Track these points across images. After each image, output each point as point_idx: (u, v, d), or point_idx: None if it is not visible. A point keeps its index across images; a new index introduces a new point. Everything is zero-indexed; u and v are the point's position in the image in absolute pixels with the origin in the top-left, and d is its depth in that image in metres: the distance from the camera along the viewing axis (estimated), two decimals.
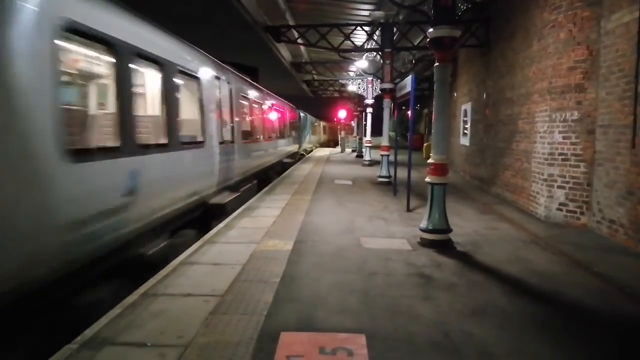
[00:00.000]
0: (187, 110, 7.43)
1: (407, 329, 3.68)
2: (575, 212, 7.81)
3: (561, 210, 7.96)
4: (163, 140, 5.97)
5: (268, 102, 15.73)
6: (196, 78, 7.52)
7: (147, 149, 5.39)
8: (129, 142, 4.91)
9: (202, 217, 7.64)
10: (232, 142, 9.79)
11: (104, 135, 5.08)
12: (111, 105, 5.11)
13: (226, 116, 9.48)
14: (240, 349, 3.27)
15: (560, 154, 7.94)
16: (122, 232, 4.77)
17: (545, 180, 8.17)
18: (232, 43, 23.94)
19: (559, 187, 7.98)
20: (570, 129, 7.80)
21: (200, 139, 7.52)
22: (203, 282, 4.66)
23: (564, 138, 7.88)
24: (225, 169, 8.93)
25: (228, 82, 9.71)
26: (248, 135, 11.94)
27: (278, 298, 4.26)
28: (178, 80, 6.64)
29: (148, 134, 5.78)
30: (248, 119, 12.34)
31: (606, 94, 7.13)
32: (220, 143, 8.63)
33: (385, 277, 4.97)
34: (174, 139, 6.25)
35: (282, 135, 18.91)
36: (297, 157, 24.79)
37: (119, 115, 4.84)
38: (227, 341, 3.39)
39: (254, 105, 13.10)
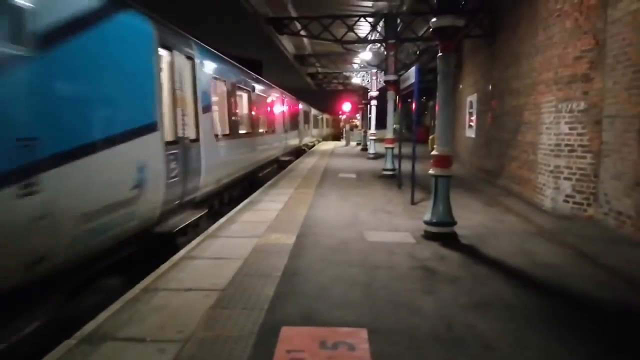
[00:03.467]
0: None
1: (410, 323, 3.63)
2: (582, 203, 7.71)
3: (568, 202, 7.86)
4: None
5: (286, 102, 20.16)
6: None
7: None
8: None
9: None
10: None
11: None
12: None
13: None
14: (240, 344, 3.24)
15: (566, 145, 7.83)
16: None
17: (551, 171, 8.07)
18: (236, 37, 23.89)
19: (565, 178, 7.88)
20: (576, 120, 7.68)
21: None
22: (204, 277, 4.63)
23: (570, 129, 7.76)
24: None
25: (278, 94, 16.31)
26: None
27: (279, 292, 4.23)
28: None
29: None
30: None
31: (613, 83, 7.01)
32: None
33: (388, 270, 4.92)
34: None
35: (291, 128, 22.30)
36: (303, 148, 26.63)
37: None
38: (227, 336, 3.36)
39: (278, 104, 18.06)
